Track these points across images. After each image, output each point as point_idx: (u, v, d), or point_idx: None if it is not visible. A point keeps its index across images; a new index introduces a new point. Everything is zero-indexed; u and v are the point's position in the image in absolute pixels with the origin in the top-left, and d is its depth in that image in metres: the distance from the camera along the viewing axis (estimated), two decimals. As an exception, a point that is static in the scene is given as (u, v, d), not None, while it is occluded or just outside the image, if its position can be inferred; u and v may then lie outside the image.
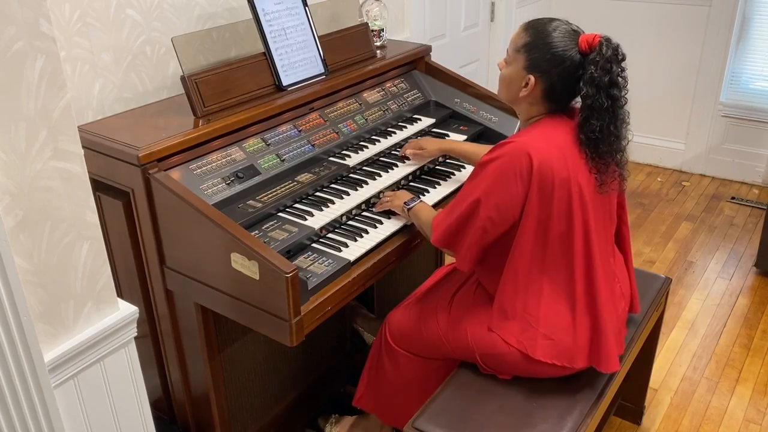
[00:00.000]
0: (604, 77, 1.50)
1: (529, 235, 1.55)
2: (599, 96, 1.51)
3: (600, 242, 1.61)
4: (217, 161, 1.73)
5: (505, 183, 1.52)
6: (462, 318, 1.72)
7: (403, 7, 2.99)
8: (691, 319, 2.84)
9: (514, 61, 1.61)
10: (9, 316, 1.14)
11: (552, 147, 1.54)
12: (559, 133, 1.58)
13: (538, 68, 1.56)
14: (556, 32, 1.55)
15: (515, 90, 1.62)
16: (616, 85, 1.52)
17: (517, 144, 1.53)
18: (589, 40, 1.53)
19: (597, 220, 1.60)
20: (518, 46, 1.59)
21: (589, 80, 1.51)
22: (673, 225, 3.60)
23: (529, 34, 1.58)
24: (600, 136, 1.54)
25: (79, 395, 1.36)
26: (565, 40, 1.54)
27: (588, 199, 1.56)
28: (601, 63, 1.50)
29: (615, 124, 1.54)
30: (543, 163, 1.50)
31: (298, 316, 1.47)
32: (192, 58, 1.84)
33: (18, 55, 1.11)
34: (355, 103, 2.16)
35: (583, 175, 1.55)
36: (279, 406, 2.11)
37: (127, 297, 1.76)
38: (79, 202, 1.27)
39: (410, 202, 1.78)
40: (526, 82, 1.58)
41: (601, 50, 1.51)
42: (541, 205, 1.53)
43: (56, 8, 1.66)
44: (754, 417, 2.34)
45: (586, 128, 1.54)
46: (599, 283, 1.59)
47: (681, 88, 4.03)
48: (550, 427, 1.57)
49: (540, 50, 1.55)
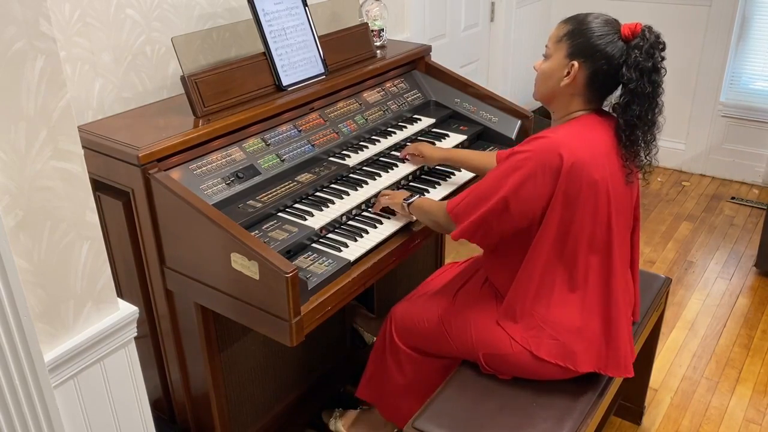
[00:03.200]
0: (647, 62, 1.51)
1: (550, 236, 1.54)
2: (642, 81, 1.51)
3: (621, 251, 1.61)
4: (217, 161, 1.73)
5: (533, 177, 1.50)
6: (466, 314, 1.72)
7: (403, 7, 2.99)
8: (691, 319, 2.84)
9: (555, 51, 1.59)
10: (9, 316, 1.14)
11: (586, 147, 1.52)
12: (596, 133, 1.56)
13: (582, 53, 1.55)
14: (597, 21, 1.56)
15: (556, 81, 1.59)
16: (657, 71, 1.53)
17: (550, 141, 1.51)
18: (632, 27, 1.54)
19: (619, 225, 1.59)
20: (560, 35, 1.59)
21: (633, 64, 1.51)
22: (673, 225, 3.60)
23: (570, 24, 1.58)
24: (638, 122, 1.54)
25: (79, 395, 1.36)
26: (607, 27, 1.55)
27: (614, 206, 1.55)
28: (646, 48, 1.51)
29: (653, 110, 1.56)
30: (574, 165, 1.48)
31: (298, 316, 1.47)
32: (192, 58, 1.84)
33: (18, 55, 1.11)
34: (355, 103, 2.16)
35: (613, 179, 1.54)
36: (279, 406, 2.11)
37: (127, 297, 1.76)
38: (79, 202, 1.27)
39: (409, 198, 1.78)
40: (569, 69, 1.56)
41: (645, 36, 1.52)
42: (565, 206, 1.52)
43: (56, 8, 1.66)
44: (754, 417, 2.34)
45: (628, 112, 1.54)
46: (617, 288, 1.59)
47: (681, 88, 4.03)
48: (550, 427, 1.57)
49: (583, 35, 1.55)
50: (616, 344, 1.61)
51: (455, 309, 1.75)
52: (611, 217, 1.55)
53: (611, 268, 1.58)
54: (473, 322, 1.69)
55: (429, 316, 1.80)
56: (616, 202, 1.56)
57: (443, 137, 2.23)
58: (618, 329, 1.60)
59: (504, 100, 2.32)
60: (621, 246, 1.61)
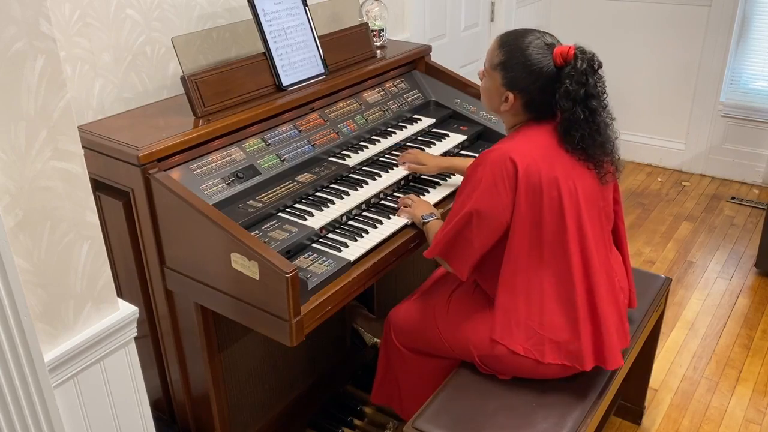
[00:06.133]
0: (579, 90, 1.51)
1: (523, 237, 1.56)
2: (576, 109, 1.52)
3: (596, 239, 1.61)
4: (217, 161, 1.73)
5: (493, 190, 1.53)
6: (461, 320, 1.72)
7: (403, 7, 2.99)
8: (691, 319, 2.84)
9: (491, 77, 1.62)
10: (9, 316, 1.14)
11: (536, 149, 1.55)
12: (543, 135, 1.59)
13: (515, 85, 1.58)
14: (530, 47, 1.55)
15: (496, 102, 1.64)
16: (593, 96, 1.52)
17: (500, 151, 1.54)
18: (564, 53, 1.53)
19: (591, 216, 1.60)
20: (494, 64, 1.60)
21: (564, 94, 1.52)
22: (673, 225, 3.60)
23: (503, 52, 1.58)
24: (583, 144, 1.55)
25: (79, 395, 1.36)
26: (539, 55, 1.54)
27: (581, 197, 1.56)
28: (576, 77, 1.51)
29: (597, 131, 1.56)
30: (528, 167, 1.51)
31: (298, 316, 1.47)
32: (192, 58, 1.84)
33: (18, 55, 1.11)
34: (355, 103, 2.16)
35: (573, 174, 1.56)
36: (279, 406, 2.11)
37: (127, 297, 1.76)
38: (79, 202, 1.27)
39: (427, 217, 1.78)
40: (506, 97, 1.60)
41: (576, 64, 1.51)
42: (532, 207, 1.53)
43: (56, 8, 1.66)
44: (754, 417, 2.34)
45: (568, 140, 1.56)
46: (597, 279, 1.59)
47: (681, 88, 4.03)
48: (550, 427, 1.57)
49: (515, 68, 1.56)
50: (605, 335, 1.60)
51: (448, 312, 1.75)
52: (581, 209, 1.56)
53: (589, 260, 1.58)
54: (470, 334, 1.69)
55: (424, 318, 1.81)
56: (583, 195, 1.57)
57: (443, 137, 2.23)
58: (605, 320, 1.60)
59: (504, 100, 2.32)
60: (597, 237, 1.62)
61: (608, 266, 1.68)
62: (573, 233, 1.56)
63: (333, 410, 2.23)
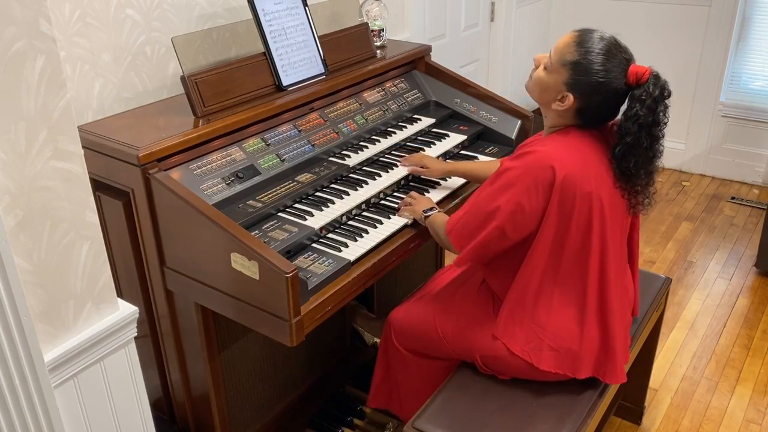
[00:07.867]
0: (648, 117, 1.45)
1: (546, 246, 1.54)
2: (640, 135, 1.47)
3: (616, 257, 1.60)
4: (217, 161, 1.73)
5: (526, 194, 1.49)
6: (464, 321, 1.72)
7: (403, 7, 2.99)
8: (691, 319, 2.84)
9: (556, 72, 1.52)
10: (9, 316, 1.14)
11: (577, 160, 1.50)
12: (586, 144, 1.54)
13: (579, 89, 1.49)
14: (609, 57, 1.47)
15: (549, 98, 1.55)
16: (658, 125, 1.48)
17: (541, 155, 1.49)
18: (639, 74, 1.46)
19: (614, 235, 1.58)
20: (565, 60, 1.50)
21: (633, 117, 1.45)
22: (673, 225, 3.60)
23: (579, 53, 1.48)
24: (634, 171, 1.51)
25: (79, 395, 1.36)
26: (615, 69, 1.47)
27: (608, 215, 1.53)
28: (648, 102, 1.45)
29: (651, 160, 1.52)
30: (567, 177, 1.47)
31: (298, 316, 1.47)
32: (192, 58, 1.84)
33: (18, 55, 1.11)
34: (355, 103, 2.16)
35: (606, 191, 1.53)
36: (279, 406, 2.11)
37: (127, 297, 1.76)
38: (79, 202, 1.27)
39: (428, 210, 1.77)
40: (563, 97, 1.52)
41: (649, 89, 1.45)
42: (560, 218, 1.51)
43: (56, 8, 1.66)
44: (754, 417, 2.34)
45: (623, 164, 1.50)
46: (612, 297, 1.58)
47: (681, 88, 4.03)
48: (550, 427, 1.57)
49: (586, 73, 1.48)
50: (612, 352, 1.61)
51: (451, 314, 1.75)
52: (606, 226, 1.54)
53: (606, 276, 1.57)
54: (472, 333, 1.69)
55: (425, 320, 1.80)
56: (610, 212, 1.54)
57: (443, 137, 2.23)
58: (614, 337, 1.60)
59: (504, 100, 2.32)
60: (616, 254, 1.61)
61: (623, 285, 1.67)
62: (596, 249, 1.54)
63: (333, 410, 2.23)
